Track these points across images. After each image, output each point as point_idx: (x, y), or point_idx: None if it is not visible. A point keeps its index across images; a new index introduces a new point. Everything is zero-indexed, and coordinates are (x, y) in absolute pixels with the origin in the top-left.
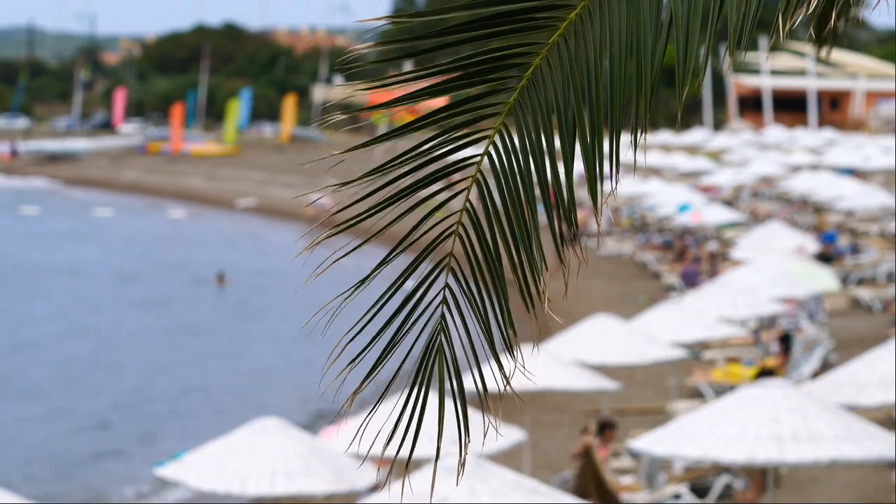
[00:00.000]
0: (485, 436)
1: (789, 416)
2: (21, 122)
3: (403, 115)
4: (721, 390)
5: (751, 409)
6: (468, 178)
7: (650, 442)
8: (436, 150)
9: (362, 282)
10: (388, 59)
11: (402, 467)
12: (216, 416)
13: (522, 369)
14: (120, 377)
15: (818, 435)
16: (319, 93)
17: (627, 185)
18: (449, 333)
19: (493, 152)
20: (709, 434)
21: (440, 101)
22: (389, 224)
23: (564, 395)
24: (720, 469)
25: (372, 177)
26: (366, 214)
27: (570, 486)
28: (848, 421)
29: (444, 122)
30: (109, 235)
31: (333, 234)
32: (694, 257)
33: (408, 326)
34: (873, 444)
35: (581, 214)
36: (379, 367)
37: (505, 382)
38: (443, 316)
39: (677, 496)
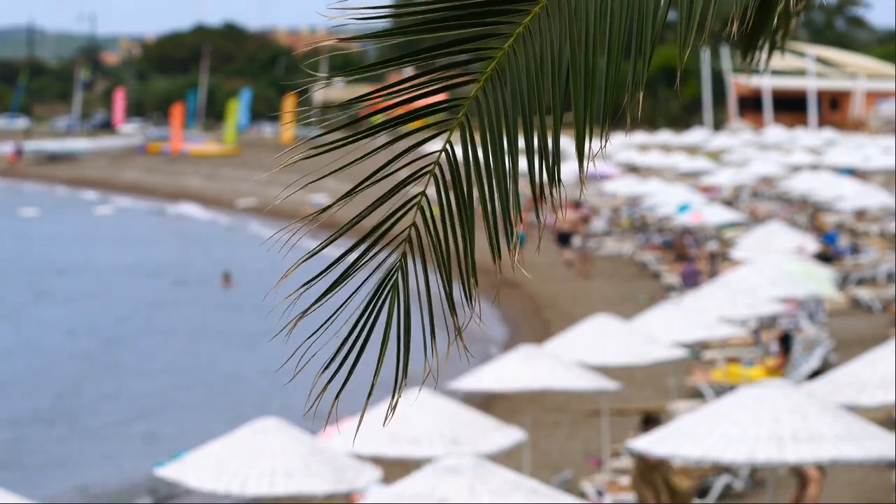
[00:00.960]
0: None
1: (789, 416)
2: (21, 122)
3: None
4: (721, 390)
5: (751, 409)
6: (447, 128)
7: (650, 442)
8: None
9: (333, 239)
10: (388, 63)
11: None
12: (217, 415)
13: (478, 321)
14: (122, 378)
15: (818, 435)
16: (319, 93)
17: (628, 185)
18: (406, 273)
19: (477, 101)
20: (709, 434)
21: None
22: (363, 213)
23: (564, 395)
24: (720, 469)
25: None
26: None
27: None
28: (848, 421)
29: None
30: (109, 236)
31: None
32: (690, 257)
33: (367, 258)
34: (873, 444)
35: (583, 213)
36: (330, 294)
37: (456, 332)
38: (403, 254)
39: None
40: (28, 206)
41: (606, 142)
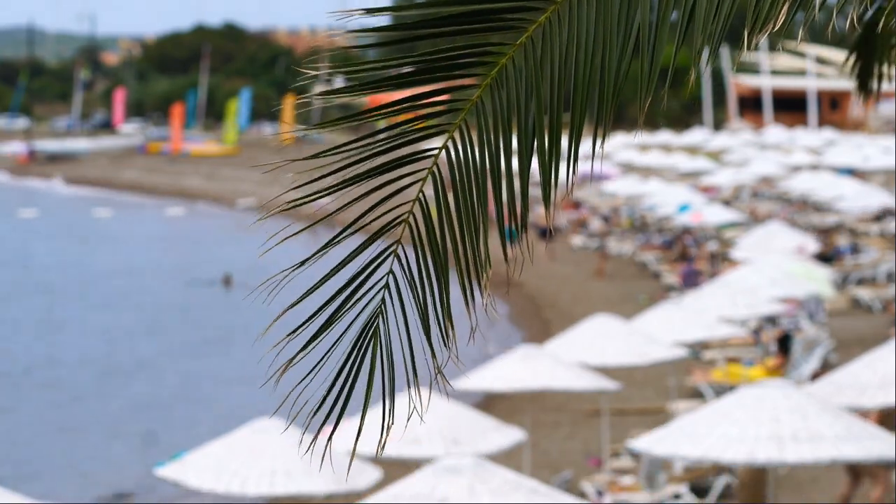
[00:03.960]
0: (408, 420)
1: (789, 416)
2: (21, 122)
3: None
4: (721, 390)
5: (751, 409)
6: (425, 169)
7: (650, 442)
8: (395, 140)
9: (303, 263)
10: (388, 61)
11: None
12: (217, 415)
13: (456, 360)
14: (122, 377)
15: (818, 435)
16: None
17: (628, 185)
18: (387, 319)
19: (451, 147)
20: (709, 434)
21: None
22: (342, 209)
23: (564, 395)
24: (720, 469)
25: (326, 154)
26: (314, 196)
27: None
28: (848, 421)
29: (406, 111)
30: (109, 236)
31: (272, 214)
32: (690, 257)
33: (348, 306)
34: (873, 444)
35: (581, 214)
36: (314, 344)
37: (437, 371)
38: (383, 300)
39: (677, 496)
40: (27, 207)
41: (603, 142)
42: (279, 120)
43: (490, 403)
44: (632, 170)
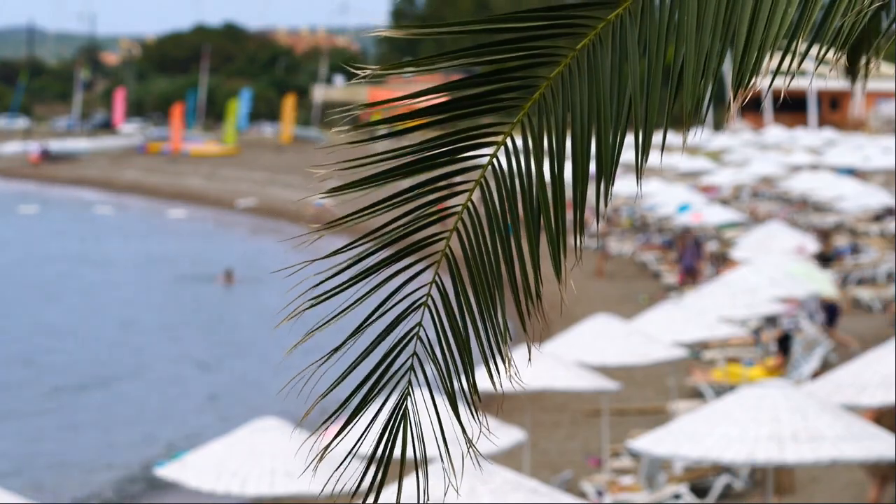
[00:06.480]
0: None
1: (789, 416)
2: (21, 122)
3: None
4: (721, 390)
5: (751, 409)
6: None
7: (650, 442)
8: (439, 155)
9: (329, 320)
10: (391, 67)
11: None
12: (217, 416)
13: (487, 433)
14: (121, 377)
15: (818, 435)
16: (319, 93)
17: (627, 185)
18: (415, 400)
19: (489, 174)
20: (709, 434)
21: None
22: (384, 227)
23: (564, 395)
24: (720, 469)
25: (371, 185)
26: (360, 215)
27: None
28: (848, 421)
29: (447, 123)
30: (109, 233)
31: (324, 231)
32: (693, 241)
33: (376, 391)
34: (873, 444)
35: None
36: (347, 430)
37: (469, 445)
38: (409, 382)
39: (677, 496)
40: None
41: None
42: (279, 119)
43: (490, 403)
44: (632, 170)
